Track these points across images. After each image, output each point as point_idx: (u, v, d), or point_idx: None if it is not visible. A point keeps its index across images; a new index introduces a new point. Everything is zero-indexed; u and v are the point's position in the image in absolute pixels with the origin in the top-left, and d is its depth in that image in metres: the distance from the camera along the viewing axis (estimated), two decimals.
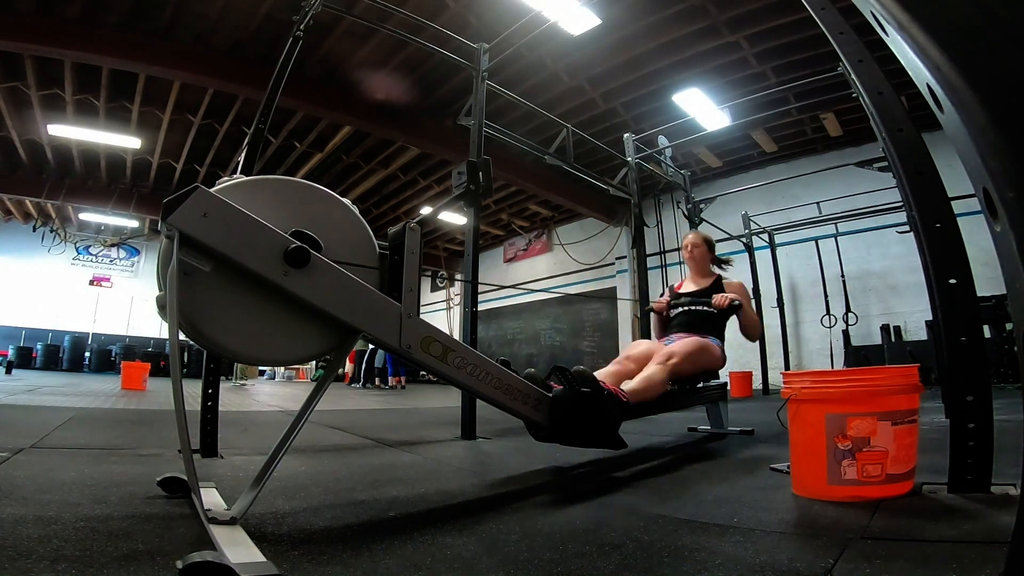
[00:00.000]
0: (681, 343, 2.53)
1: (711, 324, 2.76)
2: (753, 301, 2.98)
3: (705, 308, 2.78)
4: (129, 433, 2.81)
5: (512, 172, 9.12)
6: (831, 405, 1.47)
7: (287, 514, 1.33)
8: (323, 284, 1.29)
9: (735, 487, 1.68)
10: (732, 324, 2.82)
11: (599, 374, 2.21)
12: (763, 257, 8.13)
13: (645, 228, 5.59)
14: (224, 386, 8.56)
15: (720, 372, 2.81)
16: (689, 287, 3.00)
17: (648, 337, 3.21)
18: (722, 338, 2.78)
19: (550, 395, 1.79)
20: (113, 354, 12.97)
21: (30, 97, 7.44)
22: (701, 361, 2.55)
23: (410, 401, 6.87)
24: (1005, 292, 0.51)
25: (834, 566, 0.96)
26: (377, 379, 10.34)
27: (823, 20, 1.80)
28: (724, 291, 2.82)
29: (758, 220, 7.99)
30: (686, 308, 2.86)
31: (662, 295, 3.12)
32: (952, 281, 1.43)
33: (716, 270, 3.04)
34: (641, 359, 2.46)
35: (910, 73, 0.56)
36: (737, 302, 2.68)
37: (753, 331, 2.81)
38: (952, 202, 1.50)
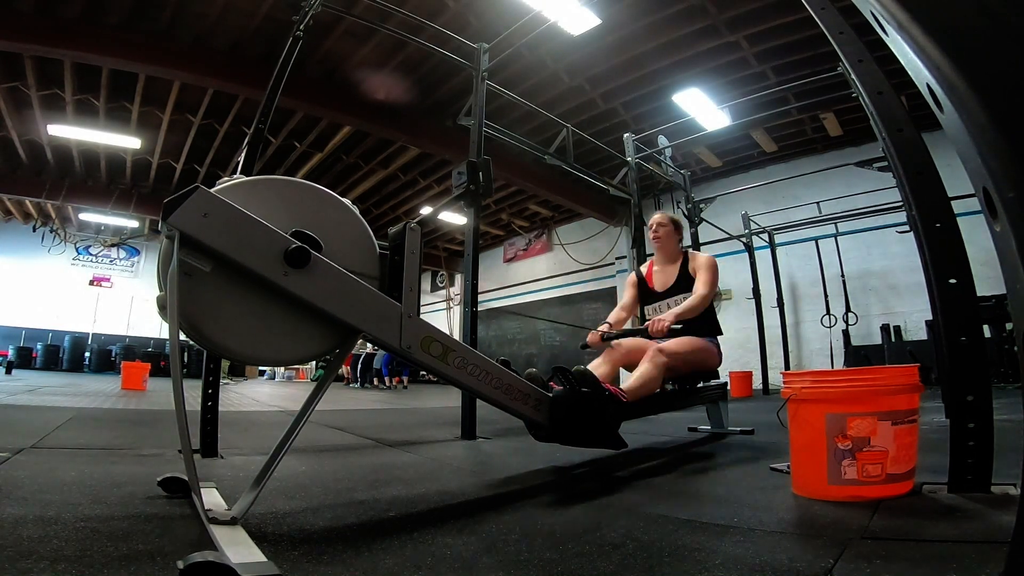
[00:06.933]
0: (673, 341, 2.42)
1: (700, 321, 2.60)
2: (720, 276, 2.77)
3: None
4: (129, 433, 2.81)
5: (512, 172, 9.12)
6: (831, 405, 1.46)
7: (287, 514, 1.33)
8: (323, 284, 1.29)
9: (735, 487, 1.67)
10: (733, 323, 2.80)
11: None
12: (763, 257, 8.12)
13: (645, 228, 5.58)
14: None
15: (720, 372, 2.80)
16: (659, 278, 2.83)
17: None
18: (716, 333, 2.67)
19: (550, 395, 1.79)
20: (113, 354, 12.98)
21: (30, 97, 7.44)
22: (692, 360, 2.50)
23: (410, 401, 6.87)
24: (1005, 292, 0.51)
25: (834, 566, 0.96)
26: (375, 379, 10.38)
27: (823, 20, 1.80)
28: (692, 268, 2.69)
29: (758, 220, 7.98)
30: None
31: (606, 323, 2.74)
32: (952, 281, 1.43)
33: (683, 249, 2.87)
34: (629, 348, 2.43)
35: (910, 73, 0.56)
36: (678, 325, 2.37)
37: (699, 310, 2.57)
38: (952, 202, 1.50)
